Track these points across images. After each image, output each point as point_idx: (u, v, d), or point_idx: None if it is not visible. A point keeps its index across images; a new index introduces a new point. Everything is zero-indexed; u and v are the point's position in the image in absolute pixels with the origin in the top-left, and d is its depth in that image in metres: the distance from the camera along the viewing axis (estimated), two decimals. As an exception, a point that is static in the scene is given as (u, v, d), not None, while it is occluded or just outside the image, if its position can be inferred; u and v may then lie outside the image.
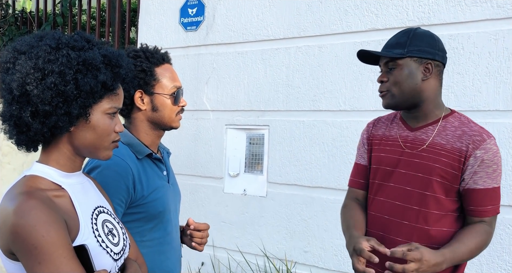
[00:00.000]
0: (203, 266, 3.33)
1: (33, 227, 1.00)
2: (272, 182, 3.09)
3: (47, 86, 1.07)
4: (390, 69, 1.55)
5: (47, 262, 1.00)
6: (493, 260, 2.38)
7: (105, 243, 1.14)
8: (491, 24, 2.42)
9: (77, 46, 1.12)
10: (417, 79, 1.53)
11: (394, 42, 1.57)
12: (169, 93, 1.60)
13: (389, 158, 1.60)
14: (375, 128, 1.72)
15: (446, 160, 1.49)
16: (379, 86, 1.60)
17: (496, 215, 1.54)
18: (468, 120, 1.56)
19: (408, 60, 1.53)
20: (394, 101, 1.56)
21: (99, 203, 1.23)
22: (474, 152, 1.47)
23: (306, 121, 2.97)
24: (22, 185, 1.10)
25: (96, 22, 4.38)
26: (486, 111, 2.42)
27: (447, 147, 1.50)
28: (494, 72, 2.40)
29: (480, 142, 1.47)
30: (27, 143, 1.14)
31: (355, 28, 2.80)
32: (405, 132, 1.60)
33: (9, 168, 4.63)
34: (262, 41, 3.15)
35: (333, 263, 2.84)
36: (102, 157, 1.19)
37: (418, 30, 1.57)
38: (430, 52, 1.53)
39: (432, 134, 1.54)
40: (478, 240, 1.49)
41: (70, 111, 1.10)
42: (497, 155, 1.49)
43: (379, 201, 1.61)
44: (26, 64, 1.08)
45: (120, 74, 1.17)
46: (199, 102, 3.40)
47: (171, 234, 1.61)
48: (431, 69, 1.53)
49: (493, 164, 1.48)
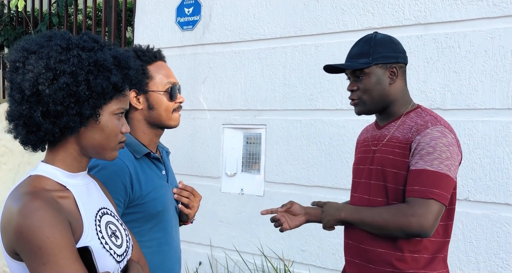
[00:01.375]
0: (201, 266, 3.33)
1: (37, 228, 1.00)
2: (269, 182, 3.09)
3: (59, 86, 1.07)
4: (358, 77, 1.61)
5: (51, 263, 1.00)
6: (490, 258, 2.39)
7: (108, 245, 1.14)
8: (487, 23, 2.43)
9: (87, 47, 1.13)
10: (385, 84, 1.60)
11: (357, 52, 1.63)
12: (164, 89, 1.59)
13: (362, 157, 1.70)
14: (360, 136, 1.84)
15: (398, 151, 1.55)
16: (350, 94, 1.66)
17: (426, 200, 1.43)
18: (426, 113, 1.60)
19: (374, 68, 1.59)
20: (366, 108, 1.63)
21: (103, 204, 1.23)
22: (415, 138, 1.51)
23: (303, 120, 2.97)
24: (27, 185, 1.10)
25: (92, 22, 4.37)
26: (482, 110, 2.42)
27: (400, 139, 1.56)
28: (490, 71, 2.41)
29: (423, 129, 1.52)
30: (36, 142, 1.13)
31: (352, 27, 2.80)
32: (375, 132, 1.69)
33: (5, 169, 4.62)
34: (259, 40, 3.15)
35: (330, 262, 2.85)
36: (108, 157, 1.20)
37: (377, 36, 1.64)
38: (393, 56, 1.60)
39: (392, 129, 1.61)
40: (386, 212, 1.50)
41: (81, 111, 1.10)
42: (436, 140, 1.47)
43: (354, 197, 1.71)
44: (38, 63, 1.08)
45: (129, 76, 1.18)
46: (196, 102, 3.39)
47: (170, 234, 1.61)
48: (396, 72, 1.61)
49: (428, 147, 1.47)
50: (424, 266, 1.52)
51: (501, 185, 2.36)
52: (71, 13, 4.54)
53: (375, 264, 1.56)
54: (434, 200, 1.44)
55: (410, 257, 1.52)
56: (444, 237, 1.57)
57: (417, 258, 1.52)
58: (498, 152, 2.37)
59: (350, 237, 1.67)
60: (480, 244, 2.41)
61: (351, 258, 1.66)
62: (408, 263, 1.52)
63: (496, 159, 2.36)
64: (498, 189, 2.36)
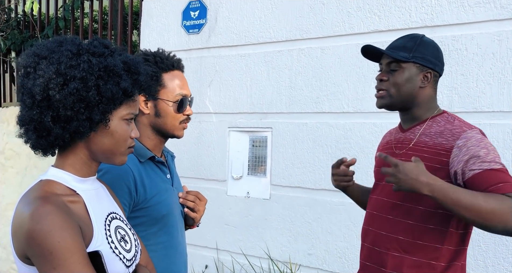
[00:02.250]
0: (207, 269, 3.32)
1: (48, 233, 1.01)
2: (275, 185, 3.08)
3: (70, 92, 1.08)
4: (391, 70, 1.59)
5: (62, 267, 1.00)
6: (499, 262, 2.37)
7: (118, 250, 1.15)
8: (494, 25, 2.41)
9: (97, 52, 1.13)
10: (415, 85, 1.58)
11: (400, 45, 1.61)
12: (173, 100, 1.58)
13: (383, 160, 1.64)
14: (383, 138, 1.81)
15: (428, 155, 1.51)
16: (378, 84, 1.63)
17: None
18: (454, 118, 1.58)
19: (411, 65, 1.57)
20: (390, 102, 1.60)
21: (112, 209, 1.23)
22: (455, 143, 1.47)
23: (309, 123, 2.96)
24: (38, 189, 1.10)
25: (99, 26, 4.39)
26: (490, 112, 2.41)
27: (429, 144, 1.53)
28: (498, 73, 2.39)
29: (460, 133, 1.49)
30: (46, 147, 1.14)
31: (358, 29, 2.79)
32: (399, 134, 1.67)
33: (12, 172, 4.64)
34: (265, 43, 3.15)
35: (337, 265, 2.83)
36: (118, 162, 1.20)
37: (424, 38, 1.62)
38: (432, 62, 1.58)
39: (418, 133, 1.58)
40: (491, 199, 1.35)
41: (91, 116, 1.11)
42: (483, 141, 1.46)
43: (372, 199, 1.68)
44: (48, 69, 1.09)
45: (139, 81, 1.19)
46: (201, 105, 3.40)
47: (176, 238, 1.60)
48: (430, 78, 1.59)
49: (481, 148, 1.44)
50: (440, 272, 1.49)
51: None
52: (77, 17, 4.56)
53: (388, 268, 1.54)
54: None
55: (427, 263, 1.49)
56: (462, 245, 1.54)
57: (434, 265, 1.49)
58: (506, 155, 2.35)
59: (365, 240, 1.65)
60: (488, 248, 2.39)
61: (364, 261, 1.65)
62: (423, 269, 1.49)
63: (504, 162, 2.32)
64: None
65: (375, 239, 1.60)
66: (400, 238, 1.53)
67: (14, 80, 5.12)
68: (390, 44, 1.66)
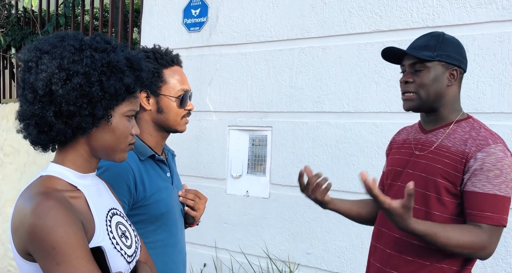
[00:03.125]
0: (205, 267, 3.32)
1: (51, 228, 1.00)
2: (275, 184, 3.08)
3: (73, 87, 1.07)
4: (416, 70, 1.54)
5: (65, 263, 1.00)
6: (497, 263, 2.37)
7: (119, 245, 1.14)
8: (496, 26, 2.41)
9: (100, 48, 1.13)
10: (442, 84, 1.53)
11: (422, 44, 1.56)
12: (176, 95, 1.59)
13: (401, 159, 1.62)
14: (398, 135, 1.76)
15: (449, 162, 1.48)
16: (403, 86, 1.58)
17: (498, 226, 1.43)
18: (480, 125, 1.54)
19: (436, 64, 1.52)
20: (420, 103, 1.55)
21: (113, 205, 1.23)
22: (475, 154, 1.45)
23: (309, 123, 2.96)
24: (39, 185, 1.10)
25: (99, 23, 4.38)
26: (490, 113, 2.41)
27: (452, 150, 1.50)
28: (499, 74, 2.39)
29: (483, 146, 1.45)
30: (47, 143, 1.13)
31: (359, 29, 2.79)
32: (419, 135, 1.62)
33: (11, 168, 4.63)
34: (266, 42, 3.15)
35: (336, 265, 2.83)
36: (118, 159, 1.20)
37: (446, 35, 1.58)
38: (457, 59, 1.54)
39: (441, 136, 1.54)
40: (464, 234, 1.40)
41: (94, 112, 1.10)
42: (501, 161, 1.43)
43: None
44: (51, 63, 1.08)
45: (141, 77, 1.18)
46: (202, 103, 3.39)
47: (176, 236, 1.60)
48: (456, 75, 1.54)
49: (495, 168, 1.42)
50: None
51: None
52: (78, 14, 4.55)
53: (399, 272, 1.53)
54: (502, 226, 1.44)
55: (439, 267, 1.49)
56: None
57: (445, 269, 1.49)
58: (506, 157, 2.35)
59: (377, 241, 1.63)
60: (487, 249, 2.39)
61: (375, 261, 1.63)
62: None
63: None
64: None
65: (388, 241, 1.57)
66: (414, 242, 1.51)
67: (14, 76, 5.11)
68: (410, 44, 1.61)
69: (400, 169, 1.61)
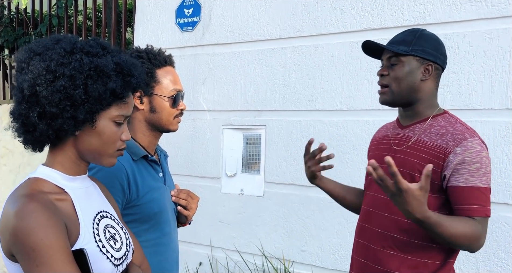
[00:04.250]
0: (201, 266, 3.33)
1: (32, 230, 1.01)
2: (269, 182, 3.10)
3: (57, 89, 1.08)
4: (392, 64, 1.59)
5: (44, 265, 1.00)
6: (489, 258, 2.39)
7: (105, 248, 1.14)
8: (485, 23, 2.43)
9: (91, 52, 1.13)
10: (416, 78, 1.56)
11: (400, 39, 1.60)
12: (168, 95, 1.60)
13: (380, 155, 1.64)
14: (378, 132, 1.79)
15: (426, 156, 1.51)
16: (380, 79, 1.63)
17: (486, 217, 1.46)
18: (456, 120, 1.57)
19: (410, 58, 1.56)
20: (392, 98, 1.59)
21: (103, 207, 1.23)
22: (454, 149, 1.47)
23: (302, 121, 2.98)
24: (25, 187, 1.11)
25: (92, 23, 4.38)
26: (481, 110, 2.43)
27: (428, 145, 1.52)
28: (489, 71, 2.42)
29: (461, 140, 1.48)
30: (33, 143, 1.15)
31: (351, 28, 2.81)
32: (397, 130, 1.65)
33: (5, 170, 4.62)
34: (259, 41, 3.16)
35: (330, 262, 2.85)
36: (105, 164, 1.20)
37: (424, 31, 1.61)
38: (433, 55, 1.57)
39: (418, 132, 1.57)
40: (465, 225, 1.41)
41: (76, 115, 1.10)
42: (480, 154, 1.46)
43: (368, 195, 1.67)
44: (39, 65, 1.09)
45: (131, 83, 1.17)
46: (195, 103, 3.40)
47: (168, 235, 1.61)
48: (431, 70, 1.57)
49: (475, 162, 1.45)
50: (434, 271, 1.51)
51: (500, 185, 2.37)
52: (71, 15, 4.54)
53: (383, 266, 1.54)
54: (488, 217, 1.47)
55: (422, 262, 1.50)
56: None
57: (428, 263, 1.50)
58: (497, 153, 2.38)
59: (360, 236, 1.65)
60: (479, 244, 2.42)
61: (359, 257, 1.64)
62: (418, 269, 1.50)
63: (495, 159, 2.37)
64: (497, 189, 2.37)
65: (371, 237, 1.59)
66: (396, 237, 1.53)
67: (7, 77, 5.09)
68: (390, 39, 1.65)
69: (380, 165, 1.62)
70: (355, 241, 1.69)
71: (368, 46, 1.67)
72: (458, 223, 1.42)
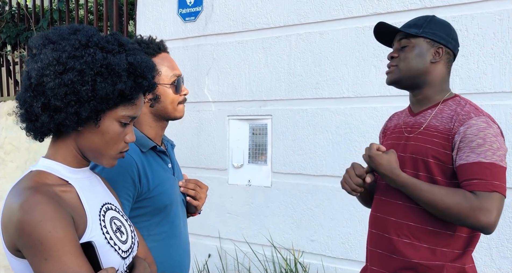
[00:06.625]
0: (210, 258, 3.32)
1: (38, 223, 0.98)
2: (276, 172, 3.07)
3: (64, 82, 1.04)
4: (402, 47, 1.58)
5: (53, 258, 0.97)
6: (502, 244, 2.36)
7: (113, 240, 1.12)
8: (494, 4, 2.37)
9: (107, 48, 1.09)
10: (426, 60, 1.55)
11: (411, 23, 1.61)
12: (169, 82, 1.57)
13: (393, 144, 1.62)
14: (389, 121, 1.77)
15: (437, 140, 1.49)
16: (389, 62, 1.62)
17: (491, 193, 1.38)
18: (466, 102, 1.54)
19: (421, 40, 1.55)
20: (399, 76, 1.58)
21: (107, 199, 1.20)
22: (458, 129, 1.45)
23: (309, 110, 2.94)
24: (28, 180, 1.07)
25: (94, 16, 4.34)
26: (492, 93, 2.38)
27: (439, 129, 1.50)
28: (499, 53, 2.36)
29: (465, 119, 1.46)
30: (35, 132, 1.12)
31: (356, 13, 2.75)
32: (408, 118, 1.63)
33: (12, 166, 4.62)
34: (262, 29, 3.11)
35: (340, 251, 2.83)
36: (105, 164, 1.16)
37: (436, 17, 1.61)
38: (444, 38, 1.56)
39: (429, 117, 1.55)
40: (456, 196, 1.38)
41: (80, 112, 1.06)
42: (483, 131, 1.42)
43: (380, 184, 1.65)
44: (51, 54, 1.06)
45: (142, 85, 1.13)
46: (200, 94, 3.37)
47: (178, 227, 1.59)
48: (441, 53, 1.56)
49: (477, 138, 1.41)
50: (452, 260, 1.47)
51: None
52: (72, 9, 4.51)
53: (399, 255, 1.51)
54: (497, 193, 1.38)
55: (439, 250, 1.47)
56: (474, 232, 1.50)
57: (446, 252, 1.47)
58: (508, 136, 2.33)
59: (374, 226, 1.62)
60: (492, 230, 2.38)
61: (374, 248, 1.61)
62: (436, 256, 1.47)
63: (507, 143, 2.32)
64: (510, 173, 2.32)
65: (385, 226, 1.56)
66: (411, 224, 1.50)
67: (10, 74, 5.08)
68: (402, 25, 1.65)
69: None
70: (369, 232, 1.66)
71: (379, 32, 1.66)
72: (446, 192, 1.41)
